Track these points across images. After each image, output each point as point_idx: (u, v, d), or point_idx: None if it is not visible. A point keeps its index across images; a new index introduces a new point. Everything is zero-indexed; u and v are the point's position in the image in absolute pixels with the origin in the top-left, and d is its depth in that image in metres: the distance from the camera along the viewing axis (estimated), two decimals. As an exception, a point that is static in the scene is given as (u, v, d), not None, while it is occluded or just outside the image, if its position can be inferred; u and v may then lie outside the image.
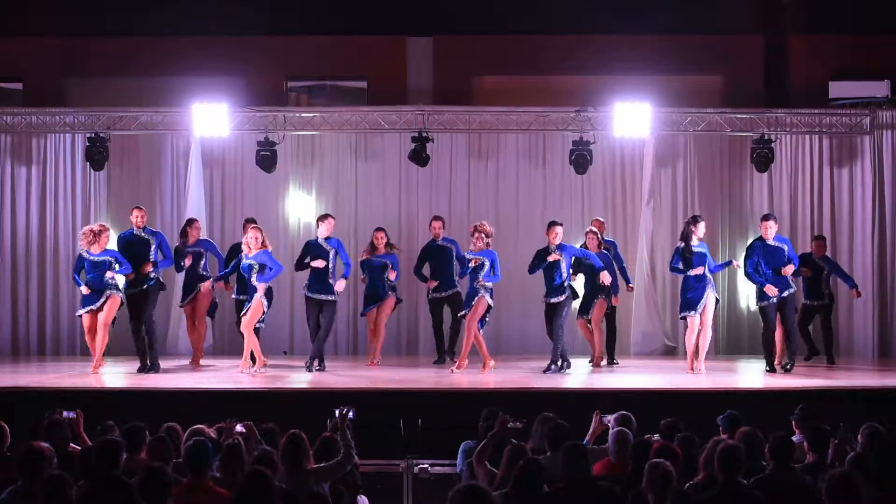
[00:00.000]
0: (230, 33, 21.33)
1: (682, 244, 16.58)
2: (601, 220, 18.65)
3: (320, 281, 16.96)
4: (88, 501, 7.98)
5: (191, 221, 17.96)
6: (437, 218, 18.89)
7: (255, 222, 17.40)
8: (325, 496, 9.22)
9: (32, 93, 21.48)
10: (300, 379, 16.17)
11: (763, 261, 16.71)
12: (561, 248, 16.64)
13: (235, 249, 17.73)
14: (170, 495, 7.92)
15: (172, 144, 20.55)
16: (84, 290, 16.51)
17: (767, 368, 16.77)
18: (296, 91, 22.48)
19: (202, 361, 17.89)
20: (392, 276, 17.64)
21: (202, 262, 17.79)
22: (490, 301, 16.53)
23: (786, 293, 16.68)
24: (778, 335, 17.11)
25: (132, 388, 15.35)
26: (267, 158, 19.34)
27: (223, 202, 20.68)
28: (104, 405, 13.07)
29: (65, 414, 10.72)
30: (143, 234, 17.13)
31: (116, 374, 16.63)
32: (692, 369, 16.44)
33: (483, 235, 16.51)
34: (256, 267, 16.31)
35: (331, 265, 16.89)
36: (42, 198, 20.30)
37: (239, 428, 10.11)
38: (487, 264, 16.43)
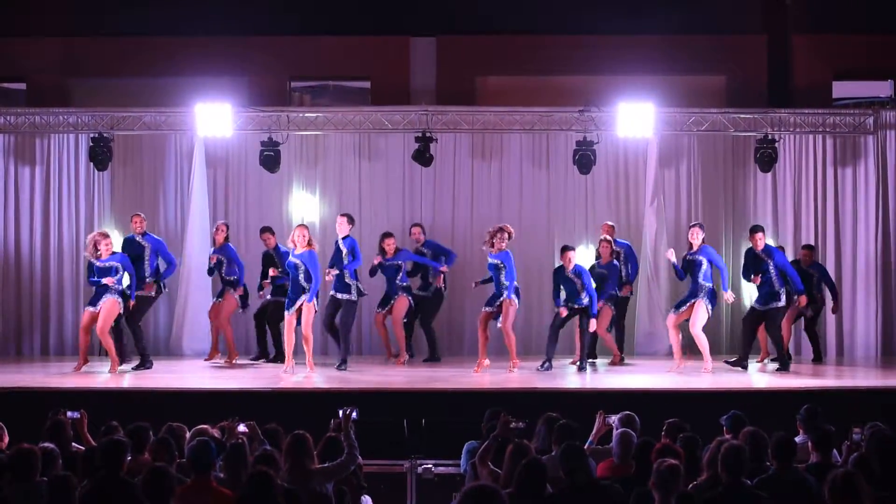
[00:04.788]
0: (233, 33, 21.31)
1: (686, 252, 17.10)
2: (611, 224, 18.84)
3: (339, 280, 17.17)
4: (92, 501, 8.00)
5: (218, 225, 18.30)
6: (416, 225, 19.13)
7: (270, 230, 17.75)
8: (328, 496, 9.24)
9: (36, 93, 21.47)
10: (304, 379, 16.17)
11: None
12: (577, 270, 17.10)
13: (268, 256, 17.98)
14: (173, 495, 7.93)
15: (176, 144, 20.54)
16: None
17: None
18: (299, 91, 22.48)
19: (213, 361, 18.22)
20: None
21: (223, 268, 17.93)
22: (517, 302, 16.87)
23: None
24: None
25: (136, 389, 15.36)
26: (270, 158, 19.35)
27: (227, 202, 20.64)
28: (108, 405, 13.10)
29: (69, 414, 10.75)
30: (140, 241, 17.35)
31: (120, 375, 16.61)
32: (671, 369, 16.97)
33: (507, 237, 16.66)
34: (303, 268, 16.31)
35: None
36: (45, 198, 20.30)
37: (241, 428, 10.12)
38: (506, 266, 16.66)
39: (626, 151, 20.52)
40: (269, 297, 18.32)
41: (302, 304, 16.26)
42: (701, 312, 16.86)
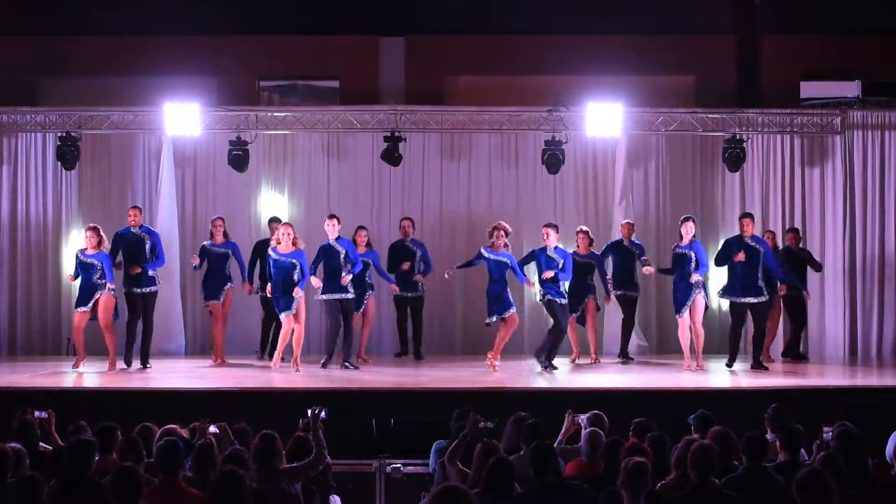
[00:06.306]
0: (202, 33, 21.27)
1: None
2: (630, 222, 18.90)
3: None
4: (60, 501, 7.97)
5: (214, 220, 18.13)
6: (407, 219, 19.03)
7: (280, 220, 17.65)
8: (297, 496, 9.22)
9: (3, 92, 21.30)
10: (273, 379, 16.14)
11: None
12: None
13: (260, 247, 17.92)
14: (141, 495, 7.90)
15: (144, 144, 20.46)
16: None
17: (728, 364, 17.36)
18: (268, 91, 22.43)
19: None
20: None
21: (227, 263, 17.88)
22: None
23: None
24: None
25: (105, 388, 15.31)
26: (239, 158, 19.30)
27: (195, 201, 20.58)
28: (76, 405, 13.04)
29: (36, 414, 10.69)
30: (138, 232, 17.25)
31: (89, 374, 16.55)
32: (687, 367, 16.97)
33: (503, 234, 16.65)
34: (298, 266, 16.52)
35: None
36: (13, 197, 20.18)
37: (212, 429, 10.09)
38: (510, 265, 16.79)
39: (595, 151, 20.56)
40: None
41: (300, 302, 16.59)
42: (701, 306, 16.98)
